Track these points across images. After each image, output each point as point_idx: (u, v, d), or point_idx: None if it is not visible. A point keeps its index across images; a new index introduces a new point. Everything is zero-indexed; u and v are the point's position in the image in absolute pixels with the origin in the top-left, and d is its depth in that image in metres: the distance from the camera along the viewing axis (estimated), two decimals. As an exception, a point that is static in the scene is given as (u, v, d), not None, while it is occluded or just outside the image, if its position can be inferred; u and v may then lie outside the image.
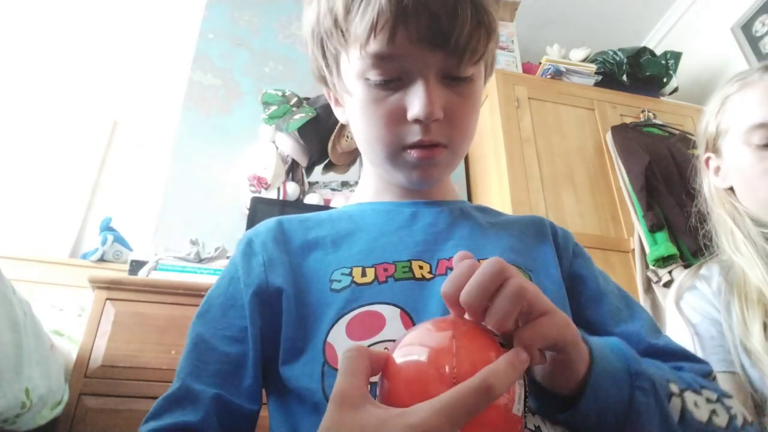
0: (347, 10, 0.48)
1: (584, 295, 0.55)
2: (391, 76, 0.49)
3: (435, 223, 0.56)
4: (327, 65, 0.56)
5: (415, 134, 0.51)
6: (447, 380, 0.30)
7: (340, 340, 0.45)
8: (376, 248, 0.53)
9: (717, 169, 0.87)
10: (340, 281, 0.49)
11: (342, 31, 0.50)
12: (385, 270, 0.50)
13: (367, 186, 0.63)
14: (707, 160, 0.89)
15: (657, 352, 0.49)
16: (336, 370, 0.43)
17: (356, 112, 0.54)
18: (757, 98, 0.81)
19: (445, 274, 0.50)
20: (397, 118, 0.50)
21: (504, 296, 0.33)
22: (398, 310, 0.46)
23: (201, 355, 0.49)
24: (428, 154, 0.52)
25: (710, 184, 0.88)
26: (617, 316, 0.53)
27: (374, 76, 0.50)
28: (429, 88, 0.49)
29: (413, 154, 0.52)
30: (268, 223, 0.57)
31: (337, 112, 0.61)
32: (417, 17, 0.46)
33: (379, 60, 0.48)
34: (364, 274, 0.50)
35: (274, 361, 0.49)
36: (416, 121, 0.49)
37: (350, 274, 0.50)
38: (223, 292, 0.53)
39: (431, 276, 0.50)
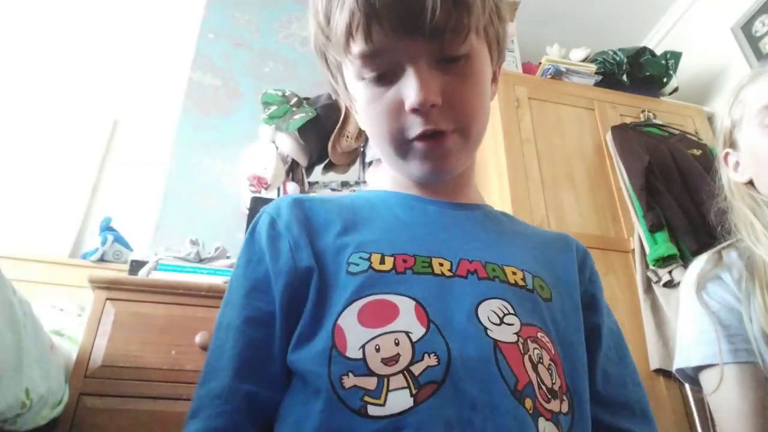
0: (327, 20, 0.50)
1: (586, 327, 0.56)
2: (383, 70, 0.50)
3: (460, 224, 0.55)
4: (333, 76, 0.58)
5: (417, 125, 0.50)
6: None
7: (350, 325, 0.44)
8: (397, 239, 0.51)
9: (736, 165, 0.88)
10: (357, 264, 0.48)
11: (331, 40, 0.51)
12: (405, 261, 0.48)
13: (391, 176, 0.61)
14: (726, 156, 0.90)
15: (624, 405, 0.52)
16: (344, 356, 0.42)
17: (362, 113, 0.55)
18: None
19: (465, 276, 0.48)
20: (396, 111, 0.50)
21: None
22: (413, 303, 0.45)
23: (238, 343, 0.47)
24: (435, 144, 0.51)
25: (729, 179, 0.89)
26: (608, 355, 0.55)
27: (367, 73, 0.50)
28: (420, 76, 0.48)
29: (419, 146, 0.51)
30: (287, 201, 0.55)
31: (357, 118, 0.61)
32: (388, 12, 0.46)
33: (365, 58, 0.49)
34: (382, 262, 0.48)
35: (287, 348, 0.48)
36: (414, 111, 0.49)
37: (369, 259, 0.48)
38: (242, 274, 0.52)
39: (451, 274, 0.48)
